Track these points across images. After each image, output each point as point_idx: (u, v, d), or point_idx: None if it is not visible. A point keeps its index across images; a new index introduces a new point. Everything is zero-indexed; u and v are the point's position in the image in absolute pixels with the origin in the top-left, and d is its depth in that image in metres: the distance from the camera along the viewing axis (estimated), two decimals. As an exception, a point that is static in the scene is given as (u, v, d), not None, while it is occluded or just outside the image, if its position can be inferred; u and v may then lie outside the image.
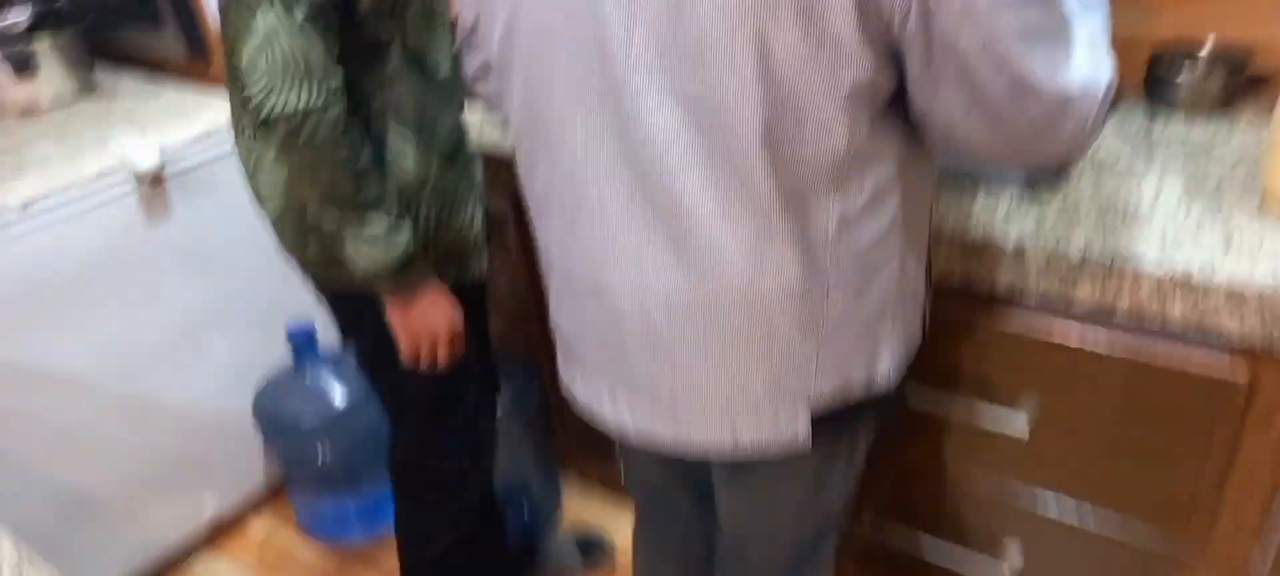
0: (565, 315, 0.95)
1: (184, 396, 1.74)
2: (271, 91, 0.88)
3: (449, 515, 1.31)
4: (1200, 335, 0.97)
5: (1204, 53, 1.28)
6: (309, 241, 1.07)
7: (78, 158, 1.52)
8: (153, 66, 1.96)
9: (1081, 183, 1.12)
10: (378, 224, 0.98)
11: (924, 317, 0.95)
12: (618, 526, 1.83)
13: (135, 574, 1.77)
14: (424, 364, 1.11)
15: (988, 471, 1.23)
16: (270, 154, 0.92)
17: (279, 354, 1.83)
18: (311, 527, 1.92)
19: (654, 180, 0.77)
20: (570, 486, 1.95)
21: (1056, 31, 0.69)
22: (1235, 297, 0.92)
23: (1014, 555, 1.29)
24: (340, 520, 1.89)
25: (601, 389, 0.93)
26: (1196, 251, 0.96)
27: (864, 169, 0.75)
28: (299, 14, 0.87)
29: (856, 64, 0.68)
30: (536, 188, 0.90)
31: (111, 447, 1.66)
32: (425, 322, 1.07)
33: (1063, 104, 0.70)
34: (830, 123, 0.71)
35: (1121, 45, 0.82)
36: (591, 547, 1.76)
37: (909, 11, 0.66)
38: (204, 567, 1.88)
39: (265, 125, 0.90)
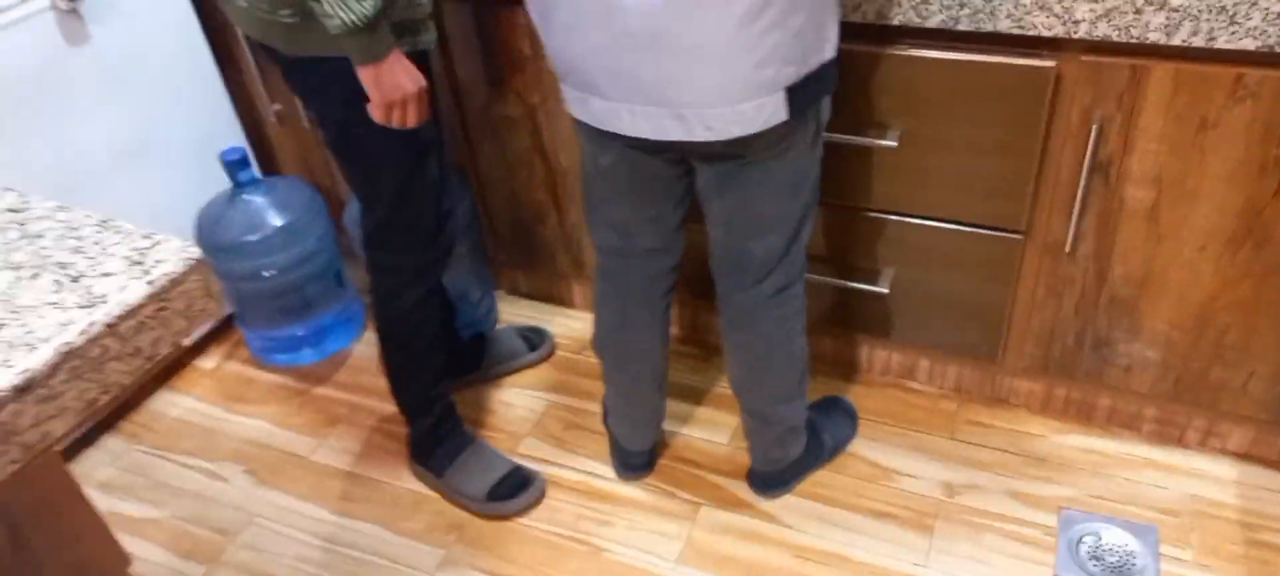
0: (576, 49, 1.11)
1: (123, 229, 1.82)
2: None
3: (419, 271, 1.48)
4: (1021, 36, 1.25)
5: None
6: (281, 11, 1.20)
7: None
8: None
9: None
10: None
11: None
12: (552, 322, 2.05)
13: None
14: (396, 122, 1.27)
15: (867, 191, 1.50)
16: None
17: (211, 187, 1.93)
18: (264, 354, 2.05)
19: None
20: (502, 299, 2.15)
21: None
22: (1041, 1, 1.19)
23: (890, 270, 1.59)
24: (292, 344, 2.02)
25: (619, 107, 1.12)
26: (1015, -29, 1.23)
27: None
28: None
29: None
30: None
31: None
32: (395, 81, 1.23)
33: None
34: None
35: None
36: (534, 337, 1.97)
37: None
38: (164, 402, 1.98)
39: None
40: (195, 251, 0.84)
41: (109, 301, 0.76)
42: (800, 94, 1.10)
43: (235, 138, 2.00)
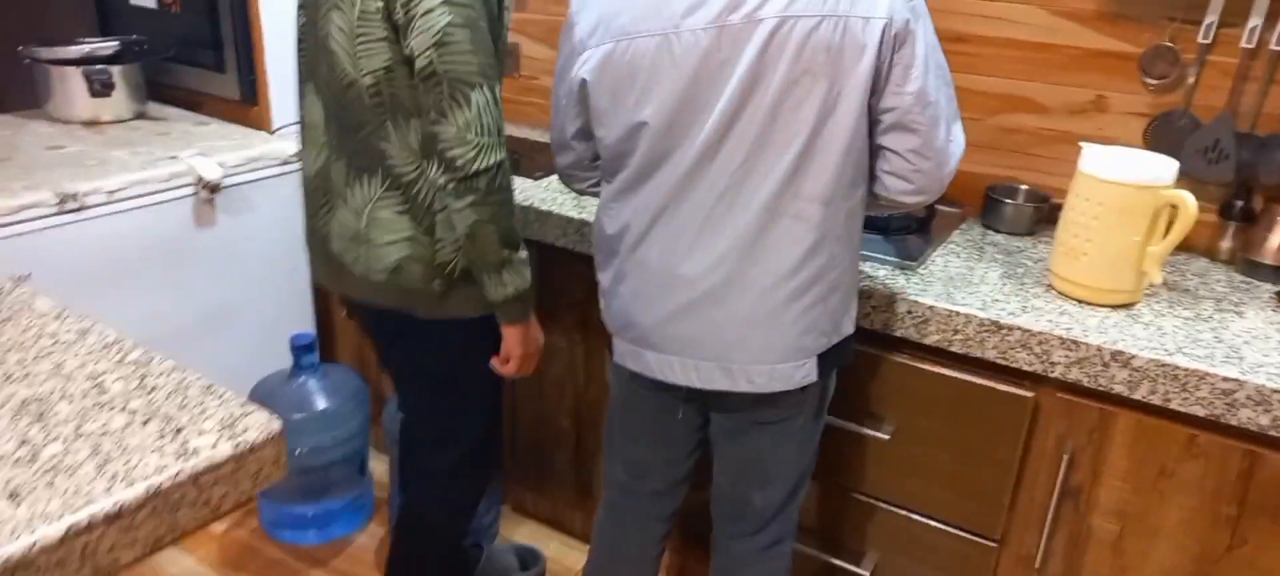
0: (642, 313, 1.29)
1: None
2: (481, 149, 1.19)
3: (475, 493, 1.61)
4: (1004, 365, 1.42)
5: (1021, 191, 1.83)
6: (434, 281, 1.36)
7: (151, 165, 1.84)
8: (201, 104, 2.32)
9: (934, 264, 1.59)
10: (524, 253, 1.33)
11: None
12: (548, 546, 2.13)
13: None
14: (523, 372, 1.43)
15: (860, 475, 1.63)
16: (464, 203, 1.22)
17: (274, 363, 2.10)
18: (272, 528, 2.13)
19: (732, 197, 1.18)
20: (506, 515, 2.24)
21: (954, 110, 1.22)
22: (1025, 339, 1.38)
23: (874, 554, 1.68)
24: (299, 523, 2.11)
25: (672, 360, 1.29)
26: (1004, 310, 1.42)
27: (856, 184, 1.21)
28: (497, 91, 1.22)
29: (865, 123, 1.17)
30: (626, 214, 1.26)
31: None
32: (533, 336, 1.41)
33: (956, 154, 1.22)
34: (851, 160, 1.18)
35: (968, 180, 1.29)
36: (528, 557, 2.05)
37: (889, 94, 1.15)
38: (168, 558, 2.05)
39: (470, 178, 1.20)
40: (277, 425, 1.00)
41: (200, 455, 0.91)
42: (826, 360, 1.28)
43: (305, 319, 2.20)
